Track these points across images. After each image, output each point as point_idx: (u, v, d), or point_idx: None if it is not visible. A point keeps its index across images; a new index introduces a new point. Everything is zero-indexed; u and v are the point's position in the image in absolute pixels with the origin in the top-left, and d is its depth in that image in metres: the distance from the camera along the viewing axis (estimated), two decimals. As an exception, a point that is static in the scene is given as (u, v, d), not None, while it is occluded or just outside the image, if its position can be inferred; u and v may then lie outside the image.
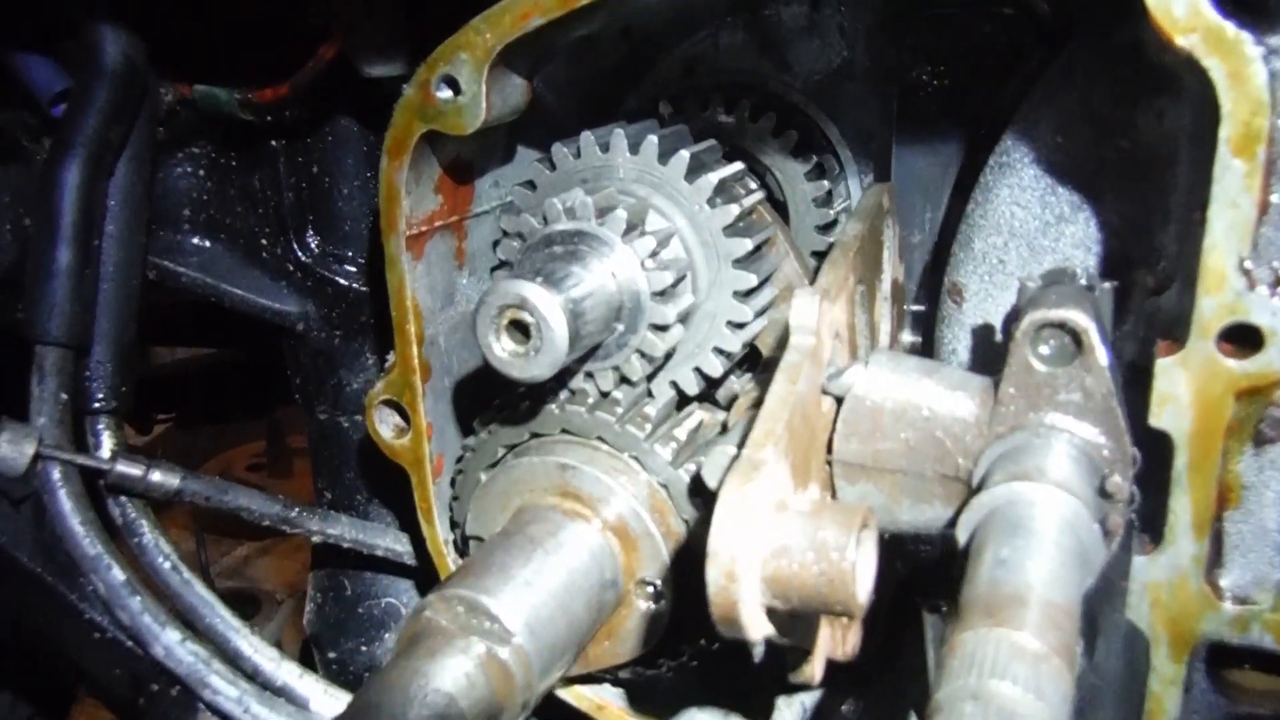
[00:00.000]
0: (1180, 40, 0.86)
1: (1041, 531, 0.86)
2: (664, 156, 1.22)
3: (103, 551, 1.34)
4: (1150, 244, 1.12)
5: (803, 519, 0.90)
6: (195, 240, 1.58)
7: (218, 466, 6.71)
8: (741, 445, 1.09)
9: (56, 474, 1.34)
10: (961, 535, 0.93)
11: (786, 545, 0.88)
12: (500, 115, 1.21)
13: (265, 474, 6.61)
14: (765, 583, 0.89)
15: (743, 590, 0.86)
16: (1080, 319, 0.96)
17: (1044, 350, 0.99)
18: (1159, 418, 0.96)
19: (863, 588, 0.89)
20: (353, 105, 1.49)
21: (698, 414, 1.30)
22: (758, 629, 0.90)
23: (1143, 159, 1.10)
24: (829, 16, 1.46)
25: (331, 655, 1.73)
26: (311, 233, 1.58)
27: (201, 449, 6.63)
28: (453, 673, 1.00)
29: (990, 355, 1.25)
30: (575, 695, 1.39)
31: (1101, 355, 0.97)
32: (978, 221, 1.22)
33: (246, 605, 5.36)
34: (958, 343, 1.29)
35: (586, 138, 1.25)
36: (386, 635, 1.72)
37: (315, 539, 1.53)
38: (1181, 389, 0.94)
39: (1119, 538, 1.00)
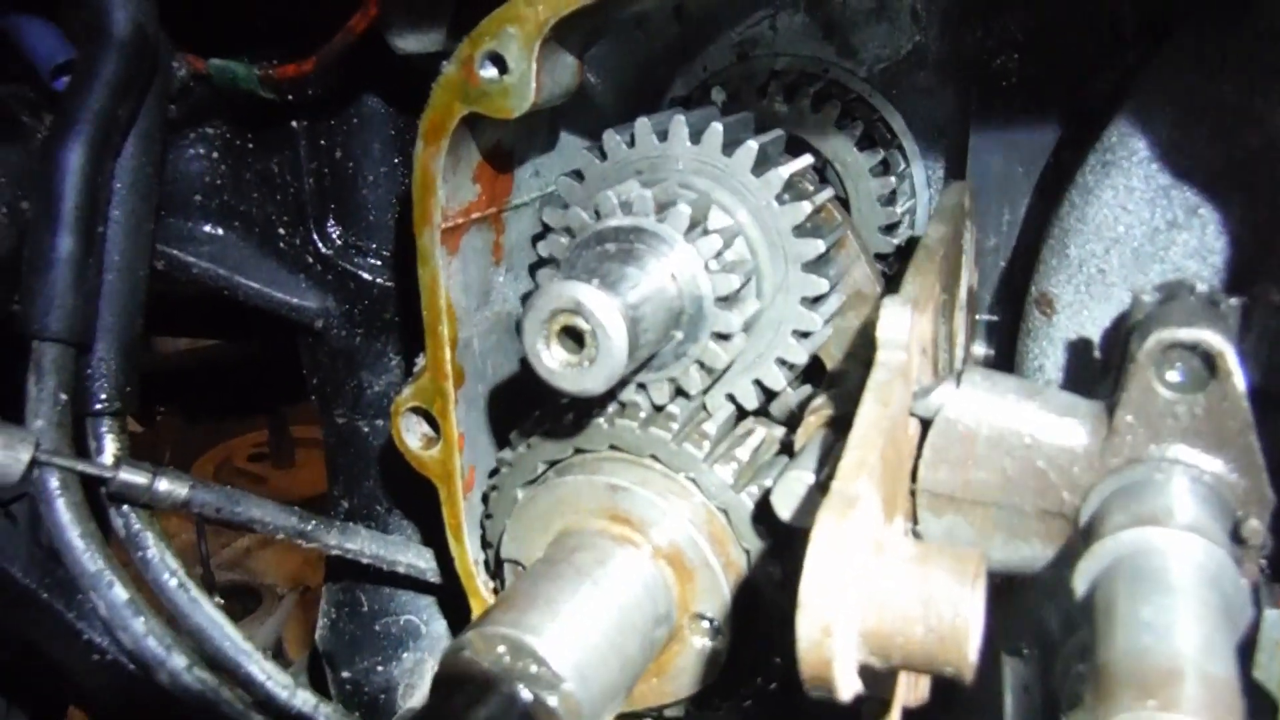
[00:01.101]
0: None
1: (1184, 588, 0.75)
2: (728, 147, 1.10)
3: (104, 567, 1.23)
4: (1277, 255, 1.00)
5: (908, 565, 0.79)
6: (207, 228, 1.46)
7: (219, 456, 6.63)
8: (820, 474, 0.99)
9: (54, 481, 1.22)
10: (1080, 586, 0.82)
11: (890, 597, 0.77)
12: (550, 97, 1.10)
13: (268, 464, 6.53)
14: (864, 638, 0.77)
15: (838, 647, 0.75)
16: (1216, 340, 0.85)
17: (1171, 375, 0.87)
18: (1308, 456, 0.84)
19: (975, 646, 0.78)
20: (382, 84, 1.37)
21: (758, 430, 1.19)
22: (850, 688, 0.78)
23: (1273, 159, 0.98)
24: (900, -1, 1.35)
25: (345, 674, 1.62)
26: (333, 222, 1.47)
27: (202, 438, 6.54)
28: (496, 723, 0.89)
29: (1087, 374, 1.13)
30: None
31: (1239, 381, 0.85)
32: (1074, 226, 1.11)
33: (248, 598, 5.28)
34: (1045, 358, 1.18)
35: (643, 124, 1.13)
36: (405, 654, 1.61)
37: (333, 553, 1.42)
38: (1334, 423, 0.82)
39: (1250, 587, 0.89)
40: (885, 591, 0.77)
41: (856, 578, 0.76)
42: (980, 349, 1.37)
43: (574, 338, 0.97)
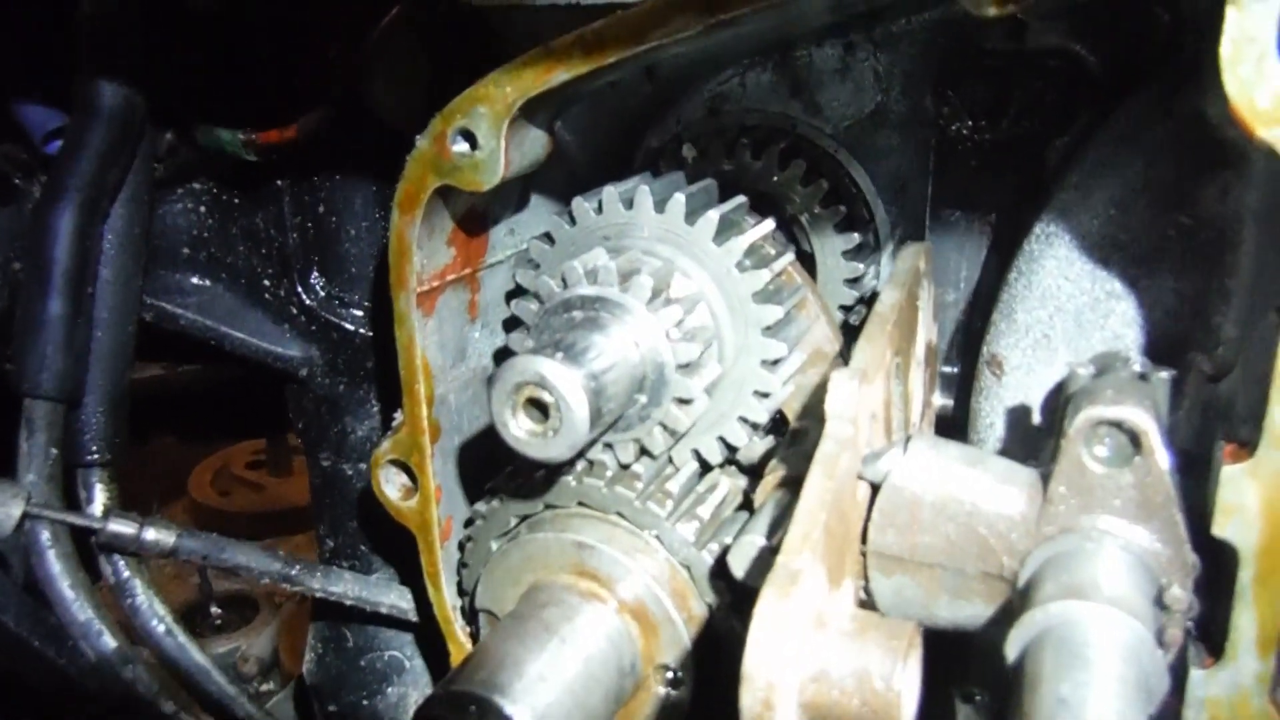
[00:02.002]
0: (1262, 133, 0.79)
1: (1102, 663, 0.79)
2: (691, 216, 1.15)
3: (93, 617, 1.28)
4: (1207, 326, 1.05)
5: (844, 640, 0.84)
6: (195, 280, 1.51)
7: (216, 464, 6.65)
8: (772, 539, 1.04)
9: (45, 534, 1.27)
10: (1011, 652, 0.87)
11: (826, 670, 0.82)
12: (519, 170, 1.15)
13: (264, 471, 6.55)
14: (803, 709, 0.82)
15: (779, 718, 0.80)
16: (1141, 419, 0.90)
17: (1099, 450, 0.92)
18: (1223, 528, 0.89)
19: (907, 715, 0.83)
20: (362, 147, 1.42)
21: (722, 484, 1.24)
22: (792, 753, 0.83)
23: (1203, 236, 1.03)
24: (863, 60, 1.39)
25: (332, 709, 1.67)
26: (317, 274, 1.51)
27: (200, 447, 6.56)
28: (463, 780, 0.94)
29: (1030, 435, 1.18)
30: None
31: (1162, 458, 0.90)
32: (1021, 292, 1.16)
33: (244, 609, 5.30)
34: (995, 417, 1.22)
35: (609, 193, 1.18)
36: (389, 689, 1.66)
37: (318, 595, 1.46)
38: (1250, 500, 0.87)
39: (1175, 649, 0.94)
40: (823, 665, 0.82)
41: (796, 653, 0.81)
42: (939, 399, 1.42)
43: (539, 408, 1.01)
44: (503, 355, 1.34)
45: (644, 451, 1.18)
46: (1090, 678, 0.78)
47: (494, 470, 1.30)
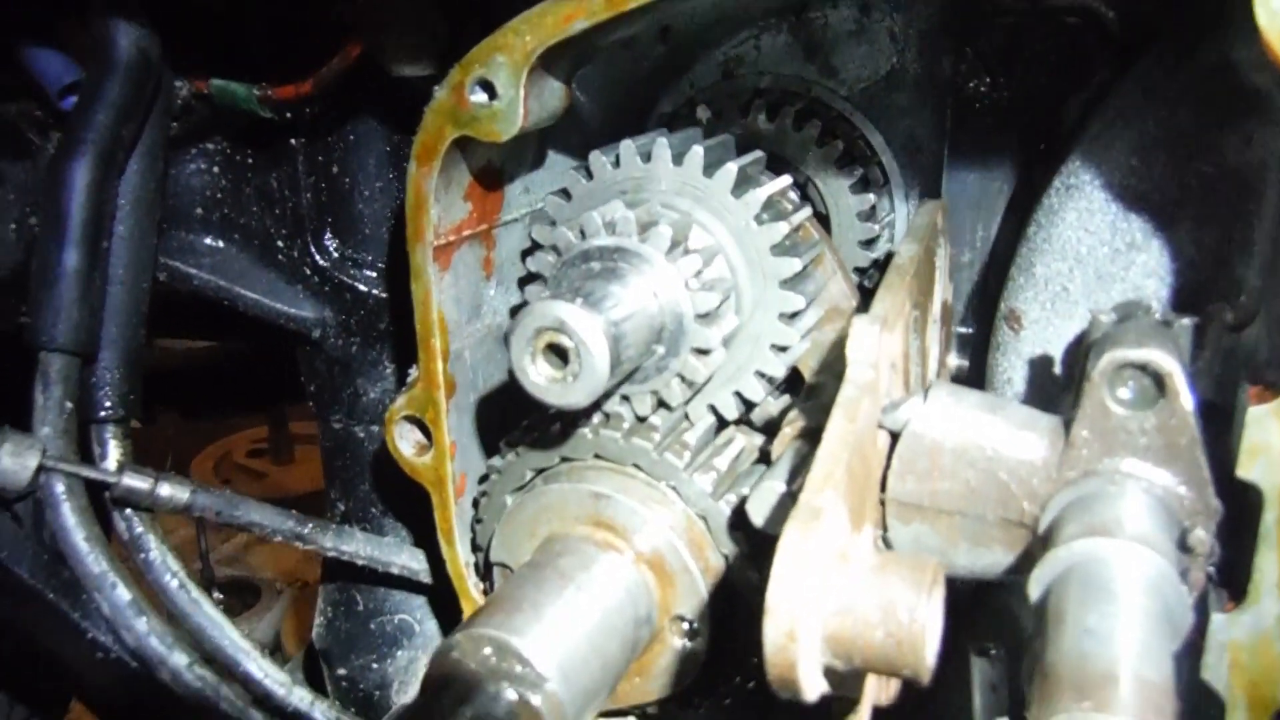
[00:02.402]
0: (1293, 65, 0.79)
1: (1127, 596, 0.79)
2: (709, 169, 1.15)
3: (108, 569, 1.27)
4: (1230, 275, 1.05)
5: (869, 574, 0.83)
6: (208, 240, 1.51)
7: (219, 452, 6.67)
8: (792, 484, 1.04)
9: (60, 487, 1.27)
10: (1034, 592, 0.87)
11: (851, 603, 0.82)
12: (538, 121, 1.15)
13: (267, 459, 6.56)
14: (827, 642, 0.82)
15: (802, 650, 0.79)
16: (1165, 360, 0.90)
17: (1123, 392, 0.92)
18: (1248, 469, 0.89)
19: (932, 649, 0.82)
20: (378, 104, 1.42)
21: (738, 440, 1.23)
22: (814, 689, 0.83)
23: (1226, 186, 1.03)
24: (879, 21, 1.39)
25: (341, 672, 1.67)
26: (330, 235, 1.51)
27: (202, 434, 6.58)
28: (482, 721, 0.94)
29: (1049, 389, 1.18)
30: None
31: (1186, 399, 0.90)
32: (1040, 245, 1.16)
33: (246, 593, 5.32)
34: (1013, 372, 1.22)
35: (627, 146, 1.18)
36: (399, 652, 1.66)
37: (329, 554, 1.46)
38: (1276, 440, 0.87)
39: (1197, 593, 0.94)
40: (847, 598, 0.82)
41: (820, 586, 0.81)
42: (955, 360, 1.42)
43: (558, 354, 1.01)
44: (519, 310, 1.34)
45: (661, 404, 1.17)
46: (1116, 609, 0.78)
47: (509, 428, 1.29)
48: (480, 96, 1.12)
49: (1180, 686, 0.77)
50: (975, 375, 1.37)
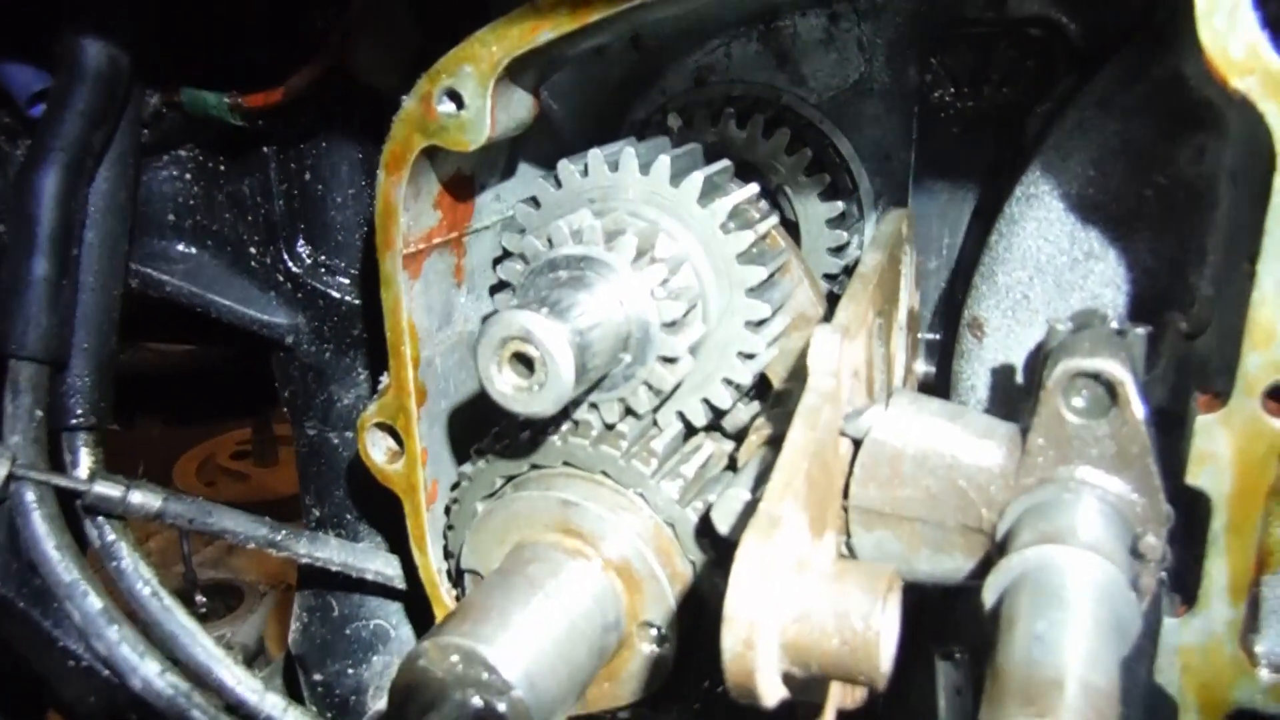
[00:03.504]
0: (1236, 82, 0.81)
1: (1077, 603, 0.81)
2: (676, 178, 1.16)
3: (79, 578, 1.28)
4: (1184, 285, 1.07)
5: (825, 582, 0.85)
6: (181, 247, 1.51)
7: (202, 454, 6.63)
8: (756, 493, 1.05)
9: (30, 495, 1.27)
10: (989, 597, 0.88)
11: (808, 611, 0.83)
12: (505, 130, 1.16)
13: (250, 461, 6.53)
14: (784, 649, 0.84)
15: (760, 658, 0.81)
16: (1116, 370, 0.91)
17: (1077, 401, 0.94)
18: (1197, 476, 0.91)
19: (886, 656, 0.84)
20: (349, 113, 1.42)
21: (706, 446, 1.25)
22: (773, 696, 0.85)
23: (1180, 196, 1.05)
24: (847, 30, 1.41)
25: (317, 677, 1.67)
26: (303, 242, 1.51)
27: (186, 436, 6.54)
28: (448, 728, 0.95)
29: (1010, 396, 1.20)
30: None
31: (1138, 409, 0.92)
32: (1001, 254, 1.17)
33: (229, 596, 5.30)
34: (976, 379, 1.24)
35: (595, 155, 1.19)
36: (374, 657, 1.66)
37: (303, 561, 1.47)
38: (1222, 448, 0.89)
39: (1149, 597, 0.96)
40: (804, 606, 0.83)
41: (777, 594, 0.82)
42: (922, 366, 1.43)
43: (524, 363, 1.02)
44: (487, 319, 1.35)
45: (629, 411, 1.19)
46: (1065, 616, 0.80)
47: (481, 435, 1.30)
48: (448, 106, 1.12)
49: (1129, 692, 0.79)
50: (942, 380, 1.39)
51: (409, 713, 0.96)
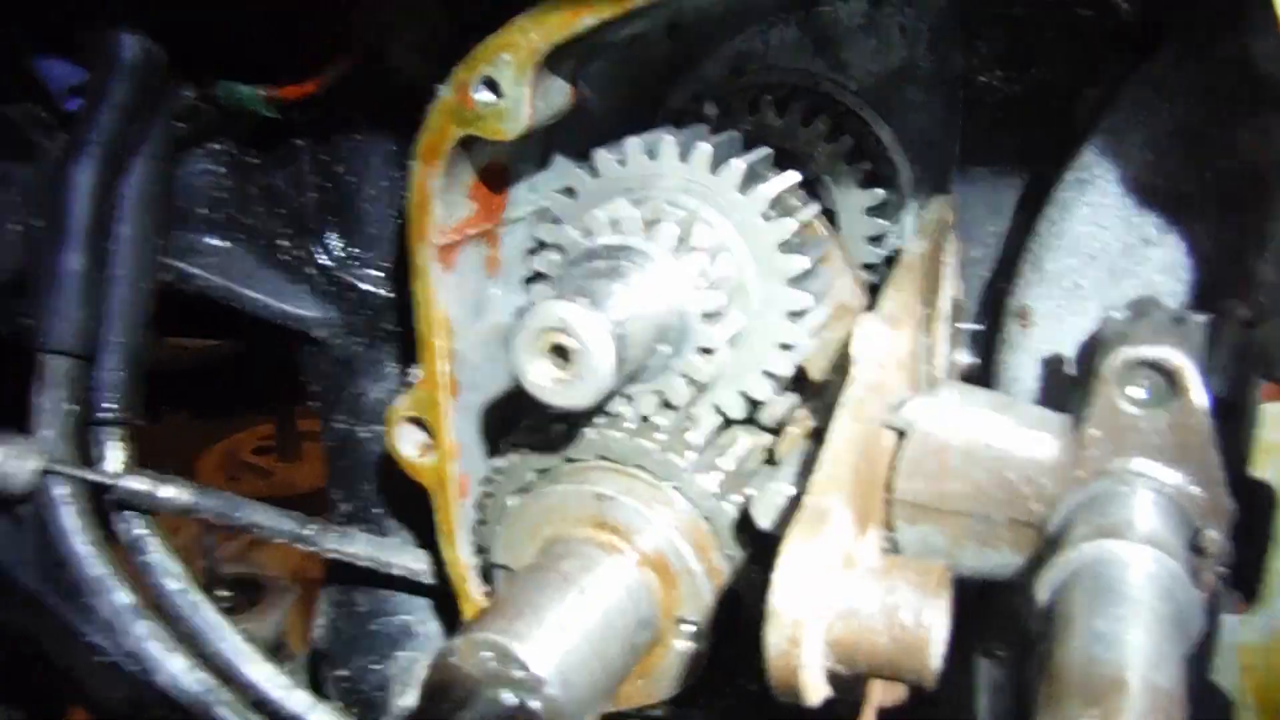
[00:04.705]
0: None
1: (1138, 599, 0.78)
2: (716, 166, 1.14)
3: (107, 573, 1.27)
4: (1245, 271, 1.03)
5: (873, 578, 0.82)
6: (213, 240, 1.50)
7: (225, 449, 6.66)
8: (799, 486, 1.02)
9: (61, 489, 1.27)
10: (1042, 594, 0.85)
11: (855, 608, 0.80)
12: (543, 119, 1.13)
13: (273, 457, 6.55)
14: (830, 647, 0.81)
15: (805, 655, 0.78)
16: (1177, 357, 0.88)
17: (1135, 390, 0.90)
18: (1263, 468, 0.87)
19: (936, 654, 0.81)
20: (382, 104, 1.40)
21: (743, 440, 1.22)
22: (817, 694, 0.82)
23: (1242, 180, 1.01)
24: (889, 14, 1.37)
25: (342, 673, 1.66)
26: (334, 235, 1.50)
27: (209, 431, 6.58)
28: (482, 726, 0.93)
29: (1059, 388, 1.16)
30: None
31: (1200, 398, 0.88)
32: (1051, 241, 1.14)
33: (252, 591, 5.31)
34: (1022, 369, 1.20)
35: (633, 143, 1.17)
36: (399, 653, 1.64)
37: (330, 556, 1.45)
38: (1290, 439, 0.85)
39: (1209, 594, 0.92)
40: (851, 603, 0.81)
41: (824, 590, 0.79)
42: (964, 357, 1.40)
43: (561, 355, 1.00)
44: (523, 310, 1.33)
45: (665, 403, 1.16)
46: (1126, 612, 0.76)
47: (513, 430, 1.28)
48: (485, 95, 1.10)
49: (1190, 691, 0.75)
50: (986, 375, 1.35)
51: (440, 710, 0.94)
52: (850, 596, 0.80)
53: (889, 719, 1.30)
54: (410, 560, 1.50)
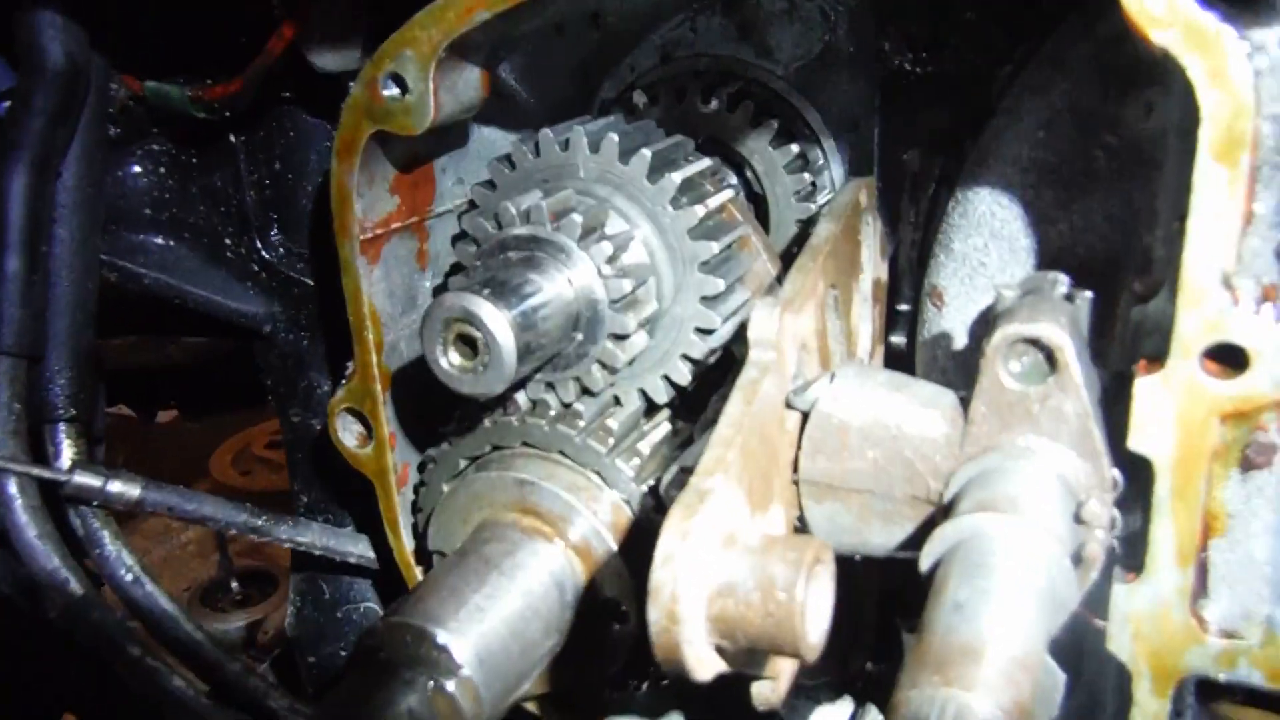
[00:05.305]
0: (1156, 36, 0.79)
1: (1004, 571, 0.80)
2: (625, 155, 1.16)
3: (60, 565, 1.31)
4: (1138, 247, 1.04)
5: (750, 555, 0.84)
6: (157, 240, 1.53)
7: (238, 444, 6.72)
8: (691, 470, 1.05)
9: (11, 486, 1.31)
10: (924, 565, 0.87)
11: (732, 583, 0.83)
12: (452, 114, 1.16)
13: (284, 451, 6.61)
14: (712, 622, 0.83)
15: (685, 631, 0.81)
16: (1054, 334, 0.90)
17: (1015, 367, 0.92)
18: (1139, 441, 0.89)
19: (814, 628, 0.83)
20: (311, 100, 1.43)
21: (665, 423, 1.24)
22: (705, 669, 0.84)
23: (1130, 156, 1.02)
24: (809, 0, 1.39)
25: (312, 659, 1.70)
26: (276, 231, 1.53)
27: (221, 428, 6.64)
28: (397, 708, 0.96)
29: (968, 367, 1.17)
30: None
31: (1076, 374, 0.90)
32: (957, 221, 1.15)
33: (264, 583, 5.39)
34: (937, 349, 1.22)
35: (545, 135, 1.19)
36: (365, 639, 1.69)
37: (286, 546, 1.49)
38: (1163, 411, 0.87)
39: (1099, 565, 0.94)
40: (728, 579, 0.83)
41: (702, 568, 0.82)
42: (897, 338, 1.42)
43: (469, 345, 1.03)
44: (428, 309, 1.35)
45: (585, 390, 1.19)
46: (990, 585, 0.78)
47: (448, 419, 1.31)
48: (392, 91, 1.13)
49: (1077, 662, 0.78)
50: (913, 355, 1.37)
51: (358, 693, 0.97)
52: (727, 572, 0.83)
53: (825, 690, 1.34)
54: (364, 548, 1.53)
